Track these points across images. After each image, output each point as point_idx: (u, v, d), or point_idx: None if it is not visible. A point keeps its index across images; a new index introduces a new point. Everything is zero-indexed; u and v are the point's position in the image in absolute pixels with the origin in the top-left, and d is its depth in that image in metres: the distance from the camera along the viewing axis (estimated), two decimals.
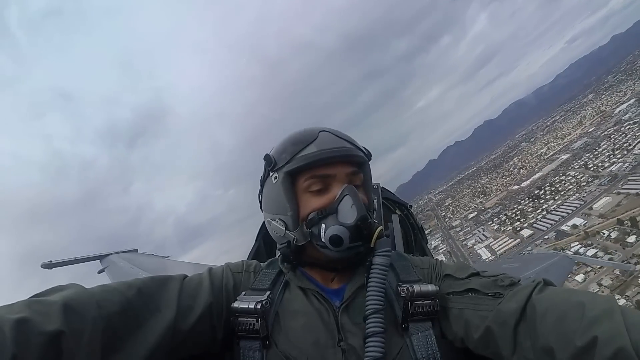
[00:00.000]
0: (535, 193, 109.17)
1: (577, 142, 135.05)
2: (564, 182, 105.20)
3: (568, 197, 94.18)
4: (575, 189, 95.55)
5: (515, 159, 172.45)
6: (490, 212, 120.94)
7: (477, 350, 0.79)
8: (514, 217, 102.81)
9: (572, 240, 71.24)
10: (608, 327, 0.56)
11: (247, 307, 0.82)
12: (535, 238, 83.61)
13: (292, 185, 0.89)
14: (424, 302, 0.83)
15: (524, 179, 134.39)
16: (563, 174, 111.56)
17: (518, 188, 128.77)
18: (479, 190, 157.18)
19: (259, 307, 0.81)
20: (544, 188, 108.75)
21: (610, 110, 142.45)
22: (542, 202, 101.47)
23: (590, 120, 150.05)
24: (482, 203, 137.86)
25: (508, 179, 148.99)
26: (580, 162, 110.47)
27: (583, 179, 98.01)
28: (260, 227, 1.50)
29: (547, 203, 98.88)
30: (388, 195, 1.64)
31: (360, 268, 0.90)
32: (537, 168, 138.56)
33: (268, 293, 0.87)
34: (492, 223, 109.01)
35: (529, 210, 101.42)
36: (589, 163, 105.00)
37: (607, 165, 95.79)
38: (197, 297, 0.82)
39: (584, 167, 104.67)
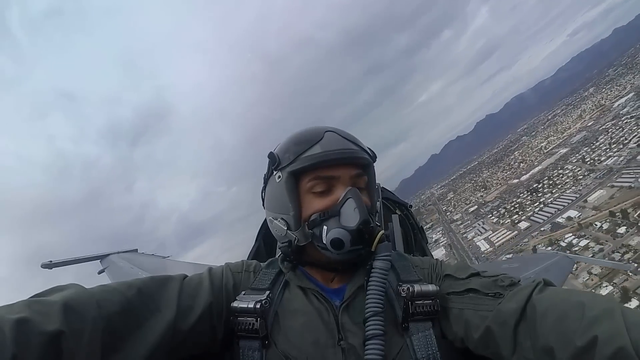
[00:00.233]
0: (534, 187, 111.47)
1: (576, 136, 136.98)
2: (562, 175, 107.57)
3: (565, 190, 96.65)
4: (572, 182, 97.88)
5: (516, 153, 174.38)
6: (490, 205, 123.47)
7: (477, 350, 0.79)
8: (513, 210, 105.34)
9: (566, 232, 73.97)
10: (608, 326, 0.56)
11: (246, 306, 0.82)
12: (532, 230, 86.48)
13: (295, 185, 0.89)
14: (425, 302, 0.83)
15: (524, 173, 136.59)
16: (561, 168, 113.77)
17: (518, 182, 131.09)
18: (480, 184, 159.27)
19: (259, 306, 0.81)
20: (543, 182, 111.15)
21: (610, 104, 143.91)
22: (540, 195, 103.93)
23: (590, 114, 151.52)
24: (482, 197, 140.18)
25: (508, 173, 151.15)
26: (578, 156, 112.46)
27: (580, 173, 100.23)
28: (260, 227, 1.51)
29: (544, 196, 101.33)
30: (388, 195, 1.64)
31: (361, 268, 0.90)
32: (536, 162, 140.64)
33: (268, 293, 0.87)
34: (491, 216, 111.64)
35: (527, 204, 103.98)
36: (587, 157, 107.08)
37: (603, 159, 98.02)
38: (197, 297, 0.81)
39: (582, 160, 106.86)
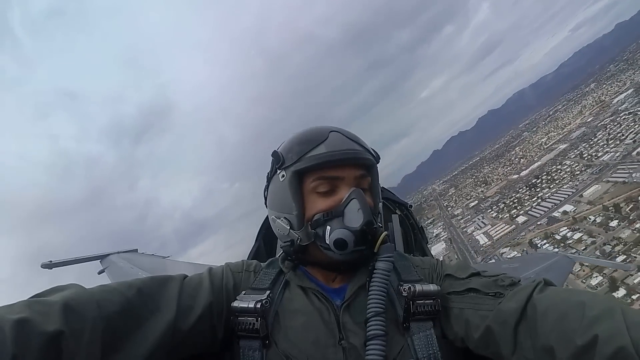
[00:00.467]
0: (533, 182, 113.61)
1: (575, 132, 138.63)
2: (560, 171, 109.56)
3: (562, 185, 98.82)
4: (569, 178, 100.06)
5: (517, 149, 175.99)
6: (490, 200, 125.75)
7: (477, 350, 0.79)
8: (512, 205, 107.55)
9: (561, 226, 76.47)
10: (608, 326, 0.56)
11: (246, 306, 0.82)
12: (529, 224, 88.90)
13: (299, 185, 0.89)
14: (426, 301, 0.83)
15: (524, 169, 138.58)
16: (560, 164, 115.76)
17: (517, 177, 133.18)
18: (481, 180, 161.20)
19: (259, 306, 0.81)
20: (541, 177, 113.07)
21: (609, 100, 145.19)
22: (538, 190, 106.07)
23: (590, 110, 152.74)
24: (483, 192, 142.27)
25: (509, 169, 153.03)
26: (577, 151, 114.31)
27: (577, 168, 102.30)
28: (260, 226, 1.51)
29: (542, 191, 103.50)
30: (388, 195, 1.64)
31: (362, 268, 0.90)
32: (536, 158, 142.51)
33: (268, 292, 0.87)
34: (491, 211, 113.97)
35: (526, 199, 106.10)
36: (584, 153, 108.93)
37: (600, 155, 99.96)
38: (197, 297, 0.82)
39: (579, 156, 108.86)
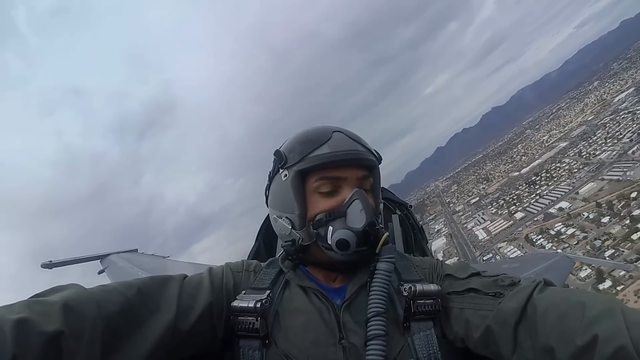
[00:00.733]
0: (532, 179, 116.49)
1: (576, 130, 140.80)
2: (559, 169, 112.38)
3: (560, 183, 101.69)
4: (567, 175, 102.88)
5: (519, 146, 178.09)
6: (491, 197, 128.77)
7: (477, 350, 0.79)
8: (511, 201, 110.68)
9: (556, 222, 79.62)
10: (608, 326, 0.56)
11: (246, 306, 0.82)
12: (526, 220, 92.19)
13: (301, 185, 0.89)
14: (426, 301, 0.83)
15: (525, 166, 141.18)
16: (559, 161, 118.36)
17: (518, 174, 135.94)
18: (483, 177, 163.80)
19: (259, 305, 0.81)
20: (541, 174, 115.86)
21: (610, 99, 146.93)
22: (536, 187, 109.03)
23: (591, 109, 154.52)
24: (484, 189, 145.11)
25: (510, 166, 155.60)
26: (576, 150, 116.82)
27: (575, 166, 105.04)
28: (260, 227, 1.51)
29: (540, 188, 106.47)
30: (388, 195, 1.64)
31: (363, 268, 0.90)
32: (537, 155, 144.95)
33: (268, 292, 0.87)
34: (491, 207, 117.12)
35: (525, 195, 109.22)
36: (583, 151, 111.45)
37: (598, 153, 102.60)
38: (197, 296, 0.82)
39: (578, 154, 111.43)
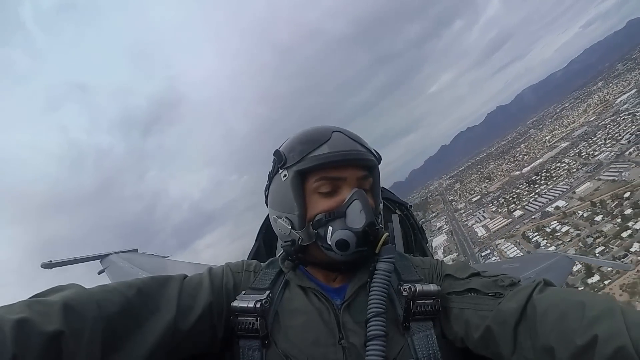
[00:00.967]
0: (532, 178, 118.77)
1: (578, 130, 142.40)
2: (558, 168, 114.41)
3: (558, 182, 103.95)
4: (566, 175, 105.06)
5: (522, 146, 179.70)
6: (492, 195, 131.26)
7: (477, 350, 0.79)
8: (511, 200, 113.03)
9: (552, 220, 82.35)
10: (608, 326, 0.56)
11: (246, 306, 0.82)
12: (524, 218, 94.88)
13: (301, 185, 0.88)
14: (426, 301, 0.83)
15: (526, 165, 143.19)
16: (559, 161, 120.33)
17: (519, 174, 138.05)
18: (485, 176, 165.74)
19: (259, 306, 0.81)
20: (541, 174, 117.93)
21: (613, 100, 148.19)
22: (536, 186, 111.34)
23: (594, 109, 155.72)
24: (486, 187, 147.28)
25: (512, 165, 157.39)
26: (576, 150, 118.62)
27: (574, 166, 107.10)
28: (260, 227, 1.51)
29: (540, 187, 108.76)
30: (388, 195, 1.63)
31: (363, 268, 0.90)
32: (538, 155, 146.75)
33: (268, 292, 0.87)
34: (491, 205, 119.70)
35: (524, 194, 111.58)
36: (583, 151, 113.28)
37: (596, 154, 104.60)
38: (197, 296, 0.82)
39: (578, 155, 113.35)
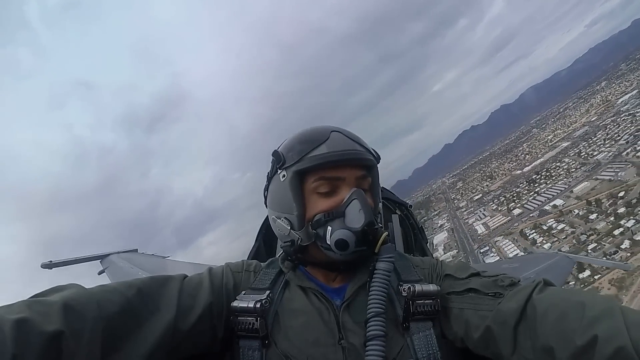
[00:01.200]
0: (533, 177, 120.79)
1: (579, 130, 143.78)
2: (558, 168, 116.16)
3: (557, 181, 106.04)
4: (565, 175, 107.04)
5: (525, 145, 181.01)
6: (493, 194, 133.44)
7: (477, 350, 0.79)
8: (511, 198, 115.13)
9: (549, 218, 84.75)
10: (608, 326, 0.56)
11: (246, 306, 0.82)
12: (523, 216, 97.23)
13: (300, 185, 0.88)
14: (425, 301, 0.83)
15: (527, 165, 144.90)
16: (559, 161, 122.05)
17: (520, 173, 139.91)
18: (487, 175, 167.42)
19: (259, 306, 0.81)
20: (541, 173, 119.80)
21: (615, 100, 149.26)
22: (536, 185, 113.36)
23: (596, 110, 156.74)
24: (487, 186, 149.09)
25: (514, 164, 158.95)
26: (576, 150, 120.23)
27: (573, 166, 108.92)
28: (260, 227, 1.51)
29: (539, 186, 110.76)
30: (388, 195, 1.63)
31: (362, 268, 0.90)
32: (540, 154, 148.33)
33: (268, 292, 0.87)
34: (492, 204, 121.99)
35: (524, 193, 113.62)
36: (582, 151, 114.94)
37: (595, 154, 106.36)
38: (197, 296, 0.82)
39: (578, 155, 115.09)
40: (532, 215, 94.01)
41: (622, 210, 68.36)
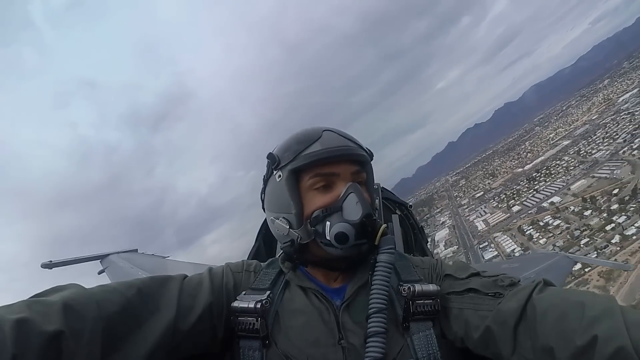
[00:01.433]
0: (533, 175, 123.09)
1: (580, 129, 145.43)
2: (557, 166, 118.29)
3: (556, 179, 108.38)
4: (564, 173, 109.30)
5: (527, 143, 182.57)
6: (494, 191, 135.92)
7: (476, 350, 0.79)
8: (511, 195, 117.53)
9: (546, 214, 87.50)
10: (608, 326, 0.56)
11: (246, 306, 0.82)
12: (522, 213, 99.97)
13: (296, 183, 0.89)
14: (425, 301, 0.83)
15: (528, 163, 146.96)
16: (559, 159, 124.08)
17: (521, 171, 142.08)
18: (490, 173, 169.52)
19: (259, 306, 0.81)
20: (541, 171, 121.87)
21: (616, 99, 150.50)
22: (535, 183, 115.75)
23: (597, 108, 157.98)
24: (489, 184, 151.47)
25: (516, 162, 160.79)
26: (576, 148, 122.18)
27: (572, 164, 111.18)
28: (260, 227, 1.52)
29: (539, 184, 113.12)
30: (388, 195, 1.63)
31: (363, 267, 0.91)
32: (541, 153, 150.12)
33: (268, 292, 0.87)
34: (493, 201, 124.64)
35: (524, 191, 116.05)
36: (582, 150, 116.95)
37: (593, 152, 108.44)
38: (197, 296, 0.82)
39: (577, 153, 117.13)
40: (530, 212, 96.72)
41: (615, 207, 71.14)
